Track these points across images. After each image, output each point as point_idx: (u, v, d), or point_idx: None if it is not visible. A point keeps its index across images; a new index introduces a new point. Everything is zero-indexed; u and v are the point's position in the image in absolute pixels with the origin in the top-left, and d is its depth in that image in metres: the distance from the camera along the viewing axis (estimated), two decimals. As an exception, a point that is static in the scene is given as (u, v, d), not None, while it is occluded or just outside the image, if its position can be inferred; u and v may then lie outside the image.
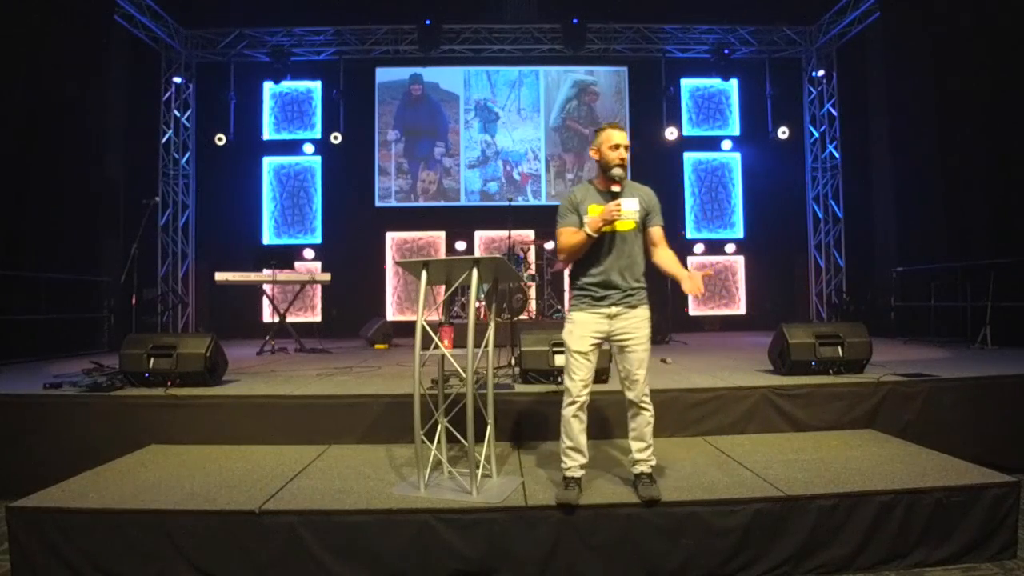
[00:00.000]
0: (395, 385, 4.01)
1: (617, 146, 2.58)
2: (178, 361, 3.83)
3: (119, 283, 5.69)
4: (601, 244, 2.60)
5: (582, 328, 2.60)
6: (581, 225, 2.59)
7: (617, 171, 2.58)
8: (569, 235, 2.61)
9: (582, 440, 2.61)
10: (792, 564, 2.50)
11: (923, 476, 2.74)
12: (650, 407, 2.65)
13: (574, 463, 2.59)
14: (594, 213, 2.57)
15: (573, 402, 2.60)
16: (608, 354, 3.86)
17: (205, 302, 9.94)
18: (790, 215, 10.23)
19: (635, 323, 2.60)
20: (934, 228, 7.43)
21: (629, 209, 2.53)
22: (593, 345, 2.60)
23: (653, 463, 2.68)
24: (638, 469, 2.66)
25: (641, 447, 2.65)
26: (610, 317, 2.59)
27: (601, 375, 3.91)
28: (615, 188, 2.58)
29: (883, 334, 7.36)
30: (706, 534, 2.48)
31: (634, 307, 2.61)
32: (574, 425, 2.60)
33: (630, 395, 2.63)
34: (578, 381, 2.58)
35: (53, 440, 3.50)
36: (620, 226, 2.58)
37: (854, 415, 3.68)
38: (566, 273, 9.54)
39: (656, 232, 2.68)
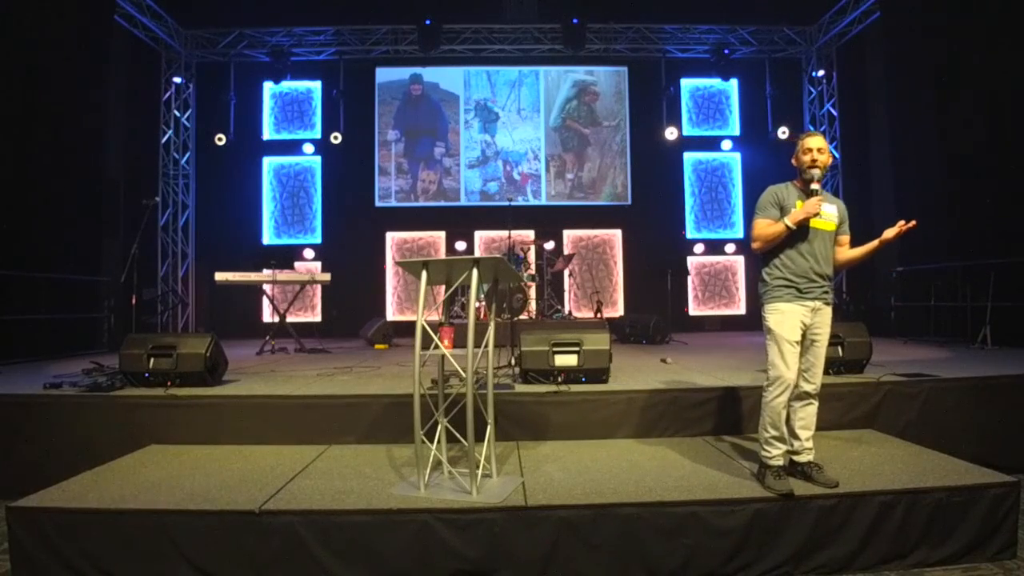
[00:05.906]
0: (395, 385, 4.00)
1: (809, 149, 2.75)
2: (178, 361, 3.83)
3: (119, 283, 5.71)
4: (805, 238, 2.72)
5: (792, 318, 2.69)
6: (780, 219, 2.72)
7: (814, 171, 2.72)
8: (766, 225, 2.76)
9: (786, 428, 2.72)
10: (792, 564, 2.50)
11: (923, 476, 2.74)
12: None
13: (778, 451, 2.69)
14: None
15: (786, 389, 2.67)
16: (608, 354, 3.88)
17: (205, 302, 9.95)
18: (790, 215, 10.23)
19: (827, 319, 2.75)
20: (934, 228, 7.42)
21: (828, 212, 2.74)
22: (801, 335, 2.69)
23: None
24: (807, 458, 2.77)
25: (809, 436, 2.79)
26: (813, 311, 2.71)
27: (602, 375, 3.91)
28: (813, 186, 2.72)
29: (883, 334, 7.37)
30: (706, 534, 2.48)
31: (828, 304, 2.76)
32: (784, 414, 2.70)
33: (808, 387, 2.74)
34: (792, 368, 2.66)
35: (53, 440, 3.50)
36: (823, 225, 2.73)
37: (854, 415, 3.68)
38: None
39: (845, 239, 2.86)
